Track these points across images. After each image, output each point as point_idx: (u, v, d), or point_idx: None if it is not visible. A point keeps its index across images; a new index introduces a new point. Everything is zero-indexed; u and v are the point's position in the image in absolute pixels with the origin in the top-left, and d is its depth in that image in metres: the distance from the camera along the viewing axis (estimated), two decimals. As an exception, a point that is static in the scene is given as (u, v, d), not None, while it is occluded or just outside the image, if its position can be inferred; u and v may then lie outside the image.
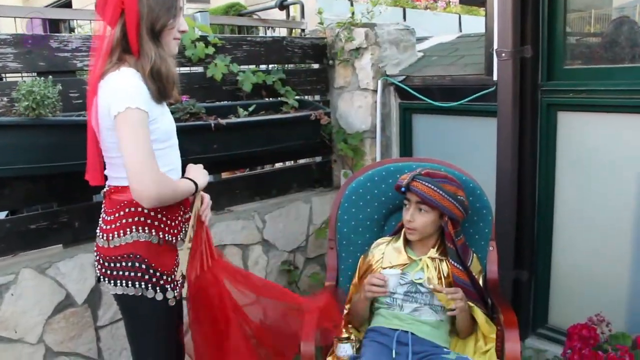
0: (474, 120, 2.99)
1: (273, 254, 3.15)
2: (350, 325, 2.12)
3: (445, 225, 1.98)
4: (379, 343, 1.94)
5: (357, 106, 3.32)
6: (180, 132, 2.54)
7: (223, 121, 2.65)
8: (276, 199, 3.24)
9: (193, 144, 2.60)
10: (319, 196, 3.35)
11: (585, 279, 2.66)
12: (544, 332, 2.80)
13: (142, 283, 1.73)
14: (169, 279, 1.77)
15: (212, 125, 2.61)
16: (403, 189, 1.97)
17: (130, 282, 1.72)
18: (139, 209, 1.71)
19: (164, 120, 1.75)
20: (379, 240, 2.15)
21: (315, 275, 3.26)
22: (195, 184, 1.80)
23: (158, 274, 1.74)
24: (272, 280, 3.15)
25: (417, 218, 1.98)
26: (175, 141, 1.84)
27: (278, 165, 3.54)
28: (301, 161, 3.56)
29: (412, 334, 1.95)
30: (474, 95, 2.85)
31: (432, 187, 1.93)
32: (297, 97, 3.15)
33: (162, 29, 1.67)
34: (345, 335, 2.01)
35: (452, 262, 2.00)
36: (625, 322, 2.51)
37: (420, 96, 3.10)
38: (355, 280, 2.15)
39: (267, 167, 3.57)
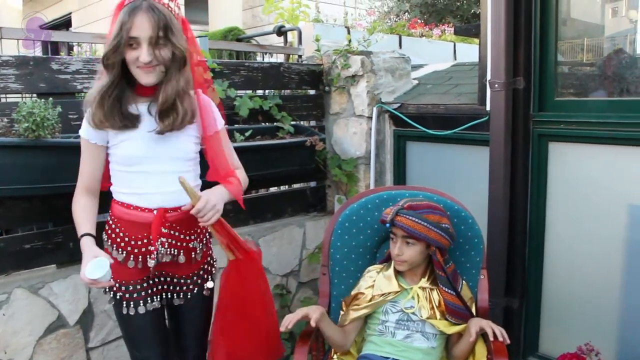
0: (467, 149, 3.02)
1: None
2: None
3: (433, 254, 2.00)
4: (370, 370, 1.95)
5: (352, 132, 3.36)
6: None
7: (219, 145, 2.67)
8: (270, 222, 3.26)
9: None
10: (312, 221, 3.37)
11: (575, 307, 2.68)
12: (534, 360, 2.82)
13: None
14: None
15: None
16: (388, 225, 1.99)
17: None
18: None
19: (125, 147, 1.84)
20: (370, 268, 2.17)
21: (307, 300, 3.27)
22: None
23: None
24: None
25: (405, 251, 2.01)
26: (147, 168, 1.86)
27: (273, 189, 3.56)
28: (296, 186, 3.58)
29: (402, 361, 1.96)
30: (467, 125, 2.90)
31: (416, 220, 1.95)
32: (292, 123, 3.19)
33: (106, 58, 1.74)
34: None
35: (444, 288, 2.02)
36: (615, 352, 2.53)
37: (415, 124, 3.14)
38: (344, 309, 2.16)
39: (262, 191, 3.59)
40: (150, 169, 1.86)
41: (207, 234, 2.06)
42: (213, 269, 2.11)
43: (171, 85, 1.76)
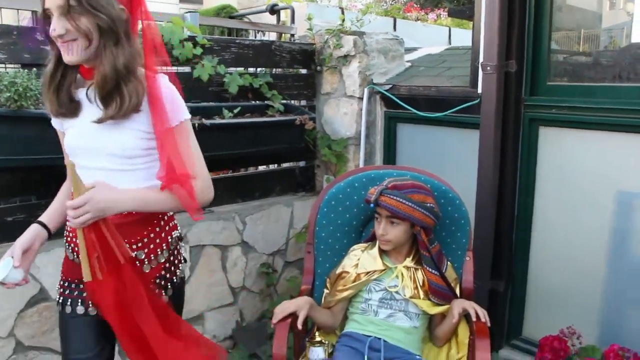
0: (457, 132, 3.01)
1: (252, 256, 3.15)
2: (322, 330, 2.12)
3: (418, 234, 1.99)
4: (351, 348, 1.94)
5: (343, 113, 3.34)
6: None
7: (207, 122, 2.65)
8: (258, 201, 3.24)
9: (176, 143, 2.60)
10: (301, 200, 3.35)
11: (560, 292, 2.69)
12: (517, 343, 2.83)
13: None
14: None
15: (196, 125, 2.61)
16: (372, 205, 1.97)
17: None
18: None
19: (66, 137, 1.63)
20: (355, 247, 2.15)
21: (293, 279, 3.26)
22: None
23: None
24: (251, 283, 3.15)
25: (389, 231, 1.99)
26: (83, 162, 1.59)
27: (262, 168, 3.54)
28: (285, 165, 3.56)
29: (384, 341, 1.95)
30: (459, 107, 2.88)
31: (401, 200, 1.94)
32: (283, 102, 3.16)
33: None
34: (318, 338, 2.01)
35: (428, 268, 2.01)
36: (597, 336, 2.54)
37: (406, 106, 3.12)
38: (328, 287, 2.15)
39: (252, 170, 3.57)
40: (86, 163, 1.59)
41: (167, 244, 1.70)
42: (169, 283, 1.72)
43: (107, 63, 1.47)
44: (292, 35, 3.65)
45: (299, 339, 2.08)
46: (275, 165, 3.58)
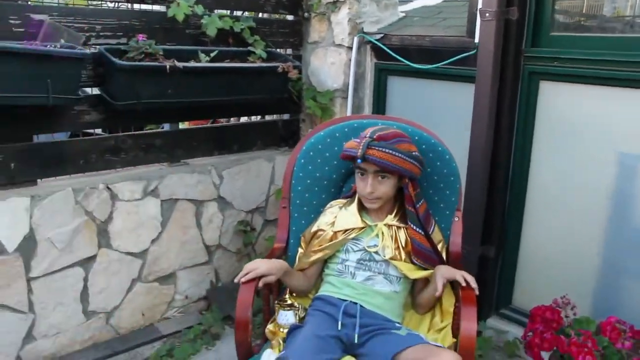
0: (451, 85, 2.81)
1: (229, 213, 2.97)
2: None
3: (405, 187, 1.80)
4: (325, 313, 1.77)
5: (330, 63, 3.12)
6: (132, 72, 2.38)
7: (180, 64, 2.44)
8: (237, 155, 3.05)
9: (145, 86, 2.40)
10: (283, 155, 3.15)
11: (553, 259, 2.55)
12: (506, 312, 2.71)
13: None
14: None
15: (167, 67, 2.40)
16: (360, 160, 1.76)
17: None
18: None
19: None
20: (333, 202, 1.97)
21: (273, 238, 3.07)
22: None
23: None
24: (227, 241, 2.98)
25: (378, 187, 1.80)
26: None
27: (243, 119, 3.34)
28: (268, 118, 3.36)
29: (361, 306, 1.78)
30: (453, 58, 2.68)
31: (390, 151, 1.74)
32: (267, 49, 2.94)
33: None
34: (288, 301, 1.84)
35: (412, 226, 1.83)
36: (591, 306, 2.42)
37: (398, 57, 2.91)
38: (303, 246, 1.97)
39: (233, 121, 3.37)
40: None
41: None
42: None
43: None
44: (279, -23, 3.40)
45: (268, 301, 1.91)
46: (258, 117, 3.37)
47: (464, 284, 1.69)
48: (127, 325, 2.69)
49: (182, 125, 3.20)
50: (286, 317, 1.79)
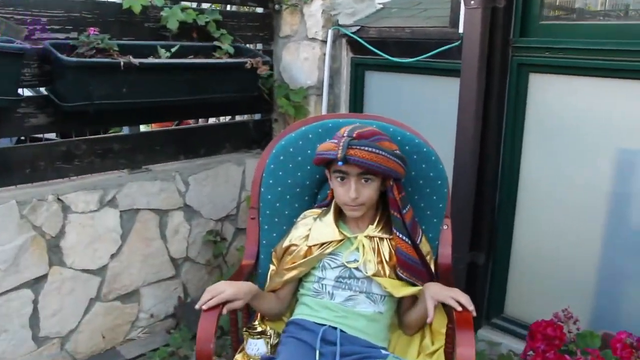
0: (434, 80, 2.64)
1: (197, 222, 2.75)
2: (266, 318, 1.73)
3: (390, 190, 1.60)
4: (300, 340, 1.55)
5: (303, 58, 2.91)
6: (81, 70, 2.14)
7: (135, 61, 2.20)
8: (204, 159, 2.83)
9: (97, 85, 2.16)
10: (254, 158, 2.93)
11: (548, 265, 2.38)
12: (499, 322, 2.53)
13: None
14: None
15: (122, 64, 2.17)
16: (341, 163, 1.54)
17: None
18: None
19: None
20: (307, 213, 1.75)
21: (243, 249, 2.87)
22: None
23: None
24: (195, 253, 2.75)
25: (362, 192, 1.59)
26: None
27: (212, 120, 3.11)
28: (238, 118, 3.14)
29: (341, 331, 1.57)
30: (436, 51, 2.51)
31: (373, 149, 1.53)
32: (235, 44, 2.72)
33: None
34: (258, 329, 1.61)
35: (398, 234, 1.62)
36: (590, 314, 2.25)
37: (375, 50, 2.72)
38: (274, 262, 1.75)
39: (202, 122, 3.14)
40: None
41: None
42: None
43: None
44: (247, -33, 3.19)
45: (236, 327, 1.69)
46: (228, 118, 3.15)
47: (459, 309, 1.48)
48: (86, 350, 2.45)
49: (145, 128, 2.97)
50: (256, 347, 1.56)
